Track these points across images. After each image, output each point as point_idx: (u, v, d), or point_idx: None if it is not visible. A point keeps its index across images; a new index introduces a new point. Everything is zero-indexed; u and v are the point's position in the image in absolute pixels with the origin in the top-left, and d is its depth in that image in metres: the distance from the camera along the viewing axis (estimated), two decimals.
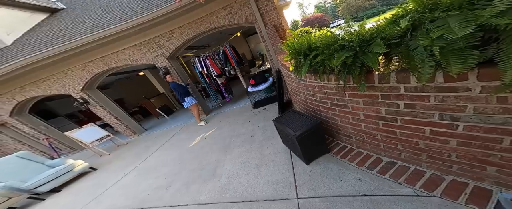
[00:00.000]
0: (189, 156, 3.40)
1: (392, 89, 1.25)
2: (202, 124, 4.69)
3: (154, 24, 4.18)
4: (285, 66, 2.51)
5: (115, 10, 5.00)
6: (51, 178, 4.02)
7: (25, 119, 6.07)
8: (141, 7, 4.41)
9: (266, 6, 3.92)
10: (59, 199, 3.71)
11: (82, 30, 4.70)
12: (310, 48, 1.65)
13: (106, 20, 4.66)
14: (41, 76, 4.98)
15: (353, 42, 1.18)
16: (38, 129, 6.35)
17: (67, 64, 4.79)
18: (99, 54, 4.70)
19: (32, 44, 5.05)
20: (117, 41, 4.45)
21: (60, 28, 5.28)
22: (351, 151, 2.04)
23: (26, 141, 6.78)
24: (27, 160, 4.44)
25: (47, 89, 5.20)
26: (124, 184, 3.31)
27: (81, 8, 6.06)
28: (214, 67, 4.84)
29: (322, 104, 2.06)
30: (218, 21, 4.26)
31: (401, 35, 0.98)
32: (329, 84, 1.73)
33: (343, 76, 1.41)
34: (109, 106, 5.90)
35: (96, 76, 5.14)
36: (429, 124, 1.23)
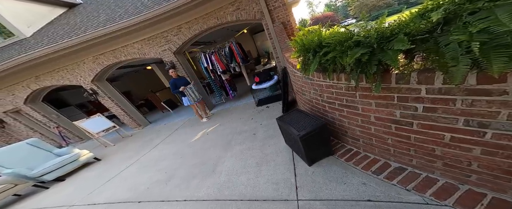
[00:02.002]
0: (190, 151, 3.33)
1: (411, 91, 1.11)
2: (204, 120, 4.62)
3: (163, 18, 4.14)
4: (292, 64, 2.38)
5: (127, 4, 4.99)
6: (57, 167, 3.99)
7: (38, 107, 6.15)
8: (152, 2, 4.39)
9: (275, 3, 3.78)
10: (62, 188, 3.68)
11: (95, 24, 4.73)
12: (321, 45, 1.51)
13: (118, 15, 4.67)
14: (55, 66, 5.07)
15: (371, 38, 1.05)
16: (50, 117, 6.42)
17: (79, 56, 4.86)
18: (110, 47, 4.73)
19: (49, 36, 5.12)
20: (127, 35, 4.46)
21: (76, 22, 5.34)
22: (357, 155, 1.91)
23: (38, 128, 6.89)
24: (37, 148, 4.44)
25: (60, 79, 5.29)
26: (125, 176, 3.26)
27: (96, 2, 6.11)
28: (219, 63, 4.74)
29: (329, 104, 1.92)
30: (226, 16, 4.14)
31: (429, 30, 0.84)
32: (339, 83, 1.60)
33: (356, 75, 1.28)
34: (116, 98, 5.92)
35: (106, 68, 5.18)
36: (450, 130, 1.09)
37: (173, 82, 4.18)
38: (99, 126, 5.43)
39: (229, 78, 5.22)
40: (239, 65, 4.84)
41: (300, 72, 2.17)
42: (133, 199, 2.47)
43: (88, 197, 2.93)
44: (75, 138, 7.13)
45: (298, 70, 2.20)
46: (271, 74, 4.00)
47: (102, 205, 2.57)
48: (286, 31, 3.68)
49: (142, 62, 6.26)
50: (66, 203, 2.94)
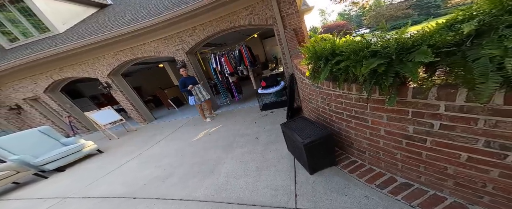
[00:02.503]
0: (191, 150, 3.28)
1: (428, 107, 1.04)
2: (207, 120, 4.59)
3: (180, 20, 4.28)
4: (301, 70, 2.33)
5: (150, 6, 5.20)
6: (60, 156, 3.94)
7: (55, 96, 6.35)
8: (172, 4, 4.56)
9: (288, 9, 3.78)
10: (60, 178, 3.62)
11: (121, 23, 4.94)
12: (334, 53, 1.46)
13: (141, 15, 4.85)
14: (78, 60, 5.35)
15: (390, 48, 0.99)
16: (64, 107, 6.59)
17: (102, 51, 5.11)
18: (129, 45, 4.94)
19: (79, 33, 5.38)
20: (147, 34, 4.66)
21: (104, 21, 5.61)
22: (361, 167, 1.82)
23: (50, 117, 7.05)
24: (47, 136, 4.45)
25: (81, 71, 5.55)
26: (124, 170, 3.21)
27: (124, 4, 6.42)
28: (228, 65, 4.74)
29: (337, 114, 1.85)
30: (238, 20, 4.17)
31: (457, 43, 0.78)
32: (349, 93, 1.54)
33: (369, 86, 1.21)
34: (128, 92, 6.05)
35: (123, 64, 5.37)
36: (468, 150, 1.01)
37: (182, 80, 4.20)
38: (107, 119, 5.47)
39: (236, 80, 5.21)
40: (247, 68, 4.83)
41: (309, 80, 2.12)
42: (128, 195, 2.41)
43: (84, 189, 2.86)
44: (82, 129, 7.22)
45: (307, 78, 2.15)
46: (278, 79, 3.96)
47: (96, 199, 2.50)
48: (297, 38, 3.66)
49: (156, 59, 6.43)
50: (61, 195, 2.87)
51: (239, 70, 4.84)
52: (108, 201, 2.39)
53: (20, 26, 5.81)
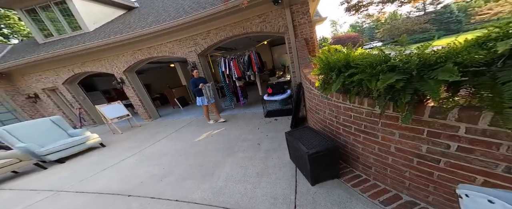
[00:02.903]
0: (192, 150, 3.24)
1: (446, 127, 0.98)
2: (211, 122, 4.55)
3: (197, 23, 4.43)
4: (310, 80, 2.30)
5: (171, 10, 5.42)
6: (64, 147, 3.88)
7: (72, 88, 6.61)
8: (191, 8, 4.72)
9: (301, 19, 3.81)
10: (59, 170, 3.55)
11: (143, 24, 5.18)
12: (348, 65, 1.43)
13: (162, 18, 5.06)
14: (100, 56, 5.66)
15: (411, 64, 0.95)
16: (78, 98, 6.77)
17: (122, 49, 5.39)
18: (147, 44, 5.18)
19: (106, 32, 5.65)
20: (164, 35, 4.87)
21: (129, 22, 5.90)
22: (365, 182, 1.74)
23: (63, 107, 7.22)
24: (56, 126, 4.46)
25: (100, 67, 5.83)
26: (123, 166, 3.15)
27: (149, 7, 6.73)
28: (236, 69, 4.75)
29: (345, 127, 1.80)
30: (251, 27, 4.22)
31: (487, 62, 0.74)
32: (360, 107, 1.49)
33: (383, 101, 1.17)
34: (138, 89, 6.21)
35: (139, 62, 5.61)
36: (486, 174, 0.95)
37: (193, 81, 4.20)
38: (115, 113, 5.52)
39: (242, 85, 5.21)
40: (254, 74, 4.83)
41: (318, 90, 2.08)
42: (123, 192, 2.35)
43: (80, 184, 2.79)
44: (89, 121, 7.30)
45: (315, 88, 2.11)
46: (284, 87, 3.93)
47: (91, 195, 2.43)
48: (308, 48, 3.67)
49: (168, 59, 6.58)
50: (56, 188, 2.79)
51: (246, 75, 4.85)
52: (102, 198, 2.32)
53: (57, 24, 6.31)
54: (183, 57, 5.15)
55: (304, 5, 3.71)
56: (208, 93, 4.21)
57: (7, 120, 6.75)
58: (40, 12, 6.17)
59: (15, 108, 6.97)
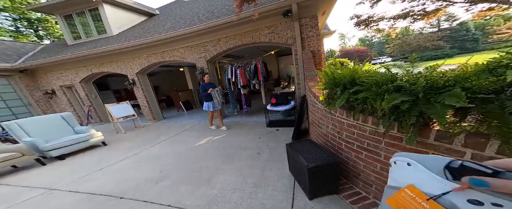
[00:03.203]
0: (192, 155, 3.21)
1: (451, 152, 0.95)
2: (212, 127, 4.56)
3: (209, 31, 4.60)
4: (314, 94, 2.29)
5: (187, 17, 5.70)
6: (66, 144, 3.86)
7: (86, 87, 6.93)
8: (205, 17, 4.93)
9: (309, 32, 3.89)
10: (57, 167, 3.49)
11: (160, 30, 5.46)
12: (353, 82, 1.42)
13: (178, 25, 5.30)
14: (117, 58, 5.98)
15: (417, 85, 0.93)
16: (90, 96, 7.03)
17: (138, 52, 5.68)
18: (161, 49, 5.43)
19: (127, 36, 6.01)
20: (178, 41, 5.09)
21: (149, 27, 6.25)
22: (365, 199, 1.68)
23: (74, 104, 7.47)
24: (65, 122, 4.51)
25: (116, 68, 6.14)
26: (120, 167, 3.12)
27: (167, 15, 7.12)
28: (242, 77, 4.80)
29: (347, 143, 1.76)
30: (260, 37, 4.32)
31: (496, 90, 0.72)
32: (364, 125, 1.46)
33: (387, 121, 1.14)
34: (147, 90, 6.41)
35: (152, 65, 5.84)
36: None
37: (203, 86, 4.15)
38: (122, 112, 5.62)
39: (247, 93, 5.23)
40: (259, 83, 4.86)
41: (321, 105, 2.07)
42: (116, 194, 2.30)
43: (75, 182, 2.74)
44: (96, 119, 7.46)
45: (319, 102, 2.10)
46: (288, 98, 3.93)
47: (82, 195, 2.39)
48: (314, 60, 3.70)
49: (179, 64, 6.77)
50: (50, 186, 2.73)
51: (252, 83, 4.88)
52: (93, 199, 2.28)
53: (86, 28, 6.86)
54: (193, 63, 5.30)
55: (313, 19, 3.79)
56: (217, 98, 4.20)
57: (21, 113, 6.99)
58: (75, 17, 6.78)
59: (30, 103, 7.23)
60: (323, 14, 4.39)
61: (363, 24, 6.86)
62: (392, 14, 6.12)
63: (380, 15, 6.46)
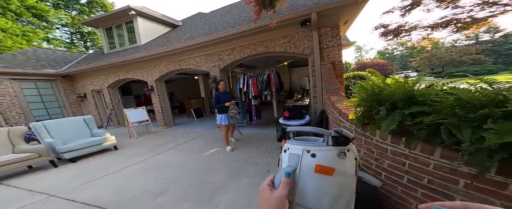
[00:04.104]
0: (196, 166, 2.91)
1: None
2: (229, 149, 3.46)
3: (224, 40, 4.47)
4: (340, 110, 1.88)
5: (205, 27, 5.76)
6: (81, 147, 3.81)
7: (112, 91, 7.22)
8: (222, 27, 4.87)
9: (329, 42, 3.51)
10: (65, 170, 3.36)
11: (179, 40, 5.59)
12: (410, 100, 1.01)
13: (196, 34, 5.35)
14: (141, 66, 6.15)
15: None
16: (113, 101, 7.25)
17: (159, 60, 5.77)
18: (179, 58, 5.45)
19: (152, 45, 6.24)
20: (195, 50, 5.06)
21: (171, 37, 6.48)
22: None
23: (99, 107, 7.77)
24: (85, 125, 4.50)
25: (139, 75, 6.31)
26: (124, 174, 2.91)
27: (188, 25, 7.37)
28: (254, 88, 4.49)
29: (391, 174, 1.30)
30: (275, 47, 4.05)
31: None
32: (426, 158, 1.02)
33: (487, 161, 0.71)
34: (163, 97, 6.40)
35: (169, 73, 5.87)
36: None
37: (217, 95, 3.45)
38: (137, 117, 5.58)
39: (258, 104, 4.87)
40: (272, 94, 4.49)
41: (351, 124, 1.65)
42: (112, 206, 2.05)
43: (75, 190, 2.54)
44: (115, 122, 7.55)
45: (348, 121, 1.68)
46: (303, 112, 3.50)
47: (78, 205, 2.16)
48: (335, 72, 3.27)
49: (194, 72, 6.81)
50: (51, 191, 2.55)
51: (263, 94, 4.53)
52: None
53: (121, 39, 7.36)
54: (207, 71, 5.18)
55: (334, 28, 3.43)
56: (235, 113, 3.50)
57: (55, 114, 7.36)
58: (114, 29, 7.31)
59: (64, 105, 7.64)
60: (345, 24, 4.03)
61: (391, 34, 6.17)
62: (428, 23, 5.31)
63: (413, 24, 5.67)
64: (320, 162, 0.37)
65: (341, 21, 3.65)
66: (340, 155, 0.38)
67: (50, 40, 17.80)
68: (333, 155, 0.38)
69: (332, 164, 0.37)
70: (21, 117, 6.50)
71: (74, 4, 18.90)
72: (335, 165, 0.37)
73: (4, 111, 6.18)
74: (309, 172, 0.37)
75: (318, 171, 0.37)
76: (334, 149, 0.38)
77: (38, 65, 7.26)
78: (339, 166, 0.37)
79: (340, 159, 0.38)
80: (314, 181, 0.37)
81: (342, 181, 0.37)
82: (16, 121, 6.27)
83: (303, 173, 0.38)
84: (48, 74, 7.08)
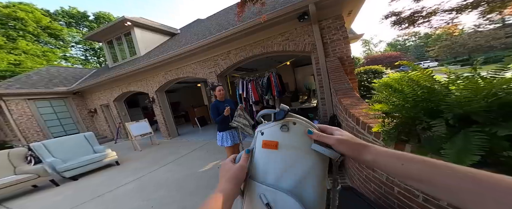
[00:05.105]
0: (192, 184, 2.56)
1: None
2: None
3: (218, 43, 4.11)
4: (356, 117, 1.36)
5: (199, 33, 5.49)
6: (81, 165, 3.65)
7: (118, 105, 7.14)
8: (216, 30, 4.54)
9: (333, 35, 2.96)
10: (63, 190, 3.15)
11: (175, 48, 5.29)
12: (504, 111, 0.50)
13: (191, 41, 5.05)
14: (141, 77, 5.95)
15: None
16: (120, 114, 7.16)
17: (157, 70, 5.51)
18: (176, 66, 5.18)
19: (150, 56, 6.01)
20: (190, 56, 4.73)
21: (168, 46, 6.27)
22: None
23: (109, 121, 7.73)
24: (86, 141, 4.35)
25: (140, 87, 6.12)
26: (115, 196, 2.62)
27: (186, 33, 7.15)
28: (254, 93, 4.03)
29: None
30: (272, 46, 3.59)
31: None
32: None
33: None
34: (164, 108, 6.16)
35: (168, 83, 5.60)
36: None
37: (214, 105, 2.37)
38: (140, 130, 5.39)
39: (259, 109, 4.39)
40: (274, 98, 3.99)
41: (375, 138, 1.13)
42: None
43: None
44: (124, 135, 7.41)
45: (371, 134, 1.16)
46: (310, 116, 2.97)
47: None
48: (344, 69, 2.70)
49: (194, 80, 6.54)
50: None
51: (264, 99, 4.05)
52: None
53: (122, 52, 7.28)
54: (204, 78, 4.84)
55: (337, 19, 2.90)
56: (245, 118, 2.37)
57: (70, 130, 7.42)
58: (114, 42, 7.25)
59: (78, 121, 7.71)
60: (349, 14, 3.46)
61: (406, 22, 5.31)
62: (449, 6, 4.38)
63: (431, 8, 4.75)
64: (265, 138, 0.40)
65: (344, 12, 3.11)
66: (282, 128, 0.39)
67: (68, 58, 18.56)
68: (276, 130, 0.39)
69: (275, 138, 0.39)
70: (39, 135, 6.56)
71: (84, 22, 19.59)
72: (278, 139, 0.38)
73: (23, 130, 6.27)
74: (259, 149, 0.40)
75: (264, 146, 0.39)
76: (276, 124, 0.39)
77: (51, 84, 7.38)
78: (283, 139, 0.38)
79: (283, 132, 0.38)
80: (262, 156, 0.39)
81: (290, 155, 0.37)
82: (35, 139, 6.30)
83: (256, 150, 0.40)
84: (60, 92, 7.16)
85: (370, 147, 0.31)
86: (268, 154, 0.38)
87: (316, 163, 0.36)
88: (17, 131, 6.24)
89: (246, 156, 0.40)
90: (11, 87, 6.32)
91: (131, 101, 8.21)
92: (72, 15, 18.89)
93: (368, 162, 0.31)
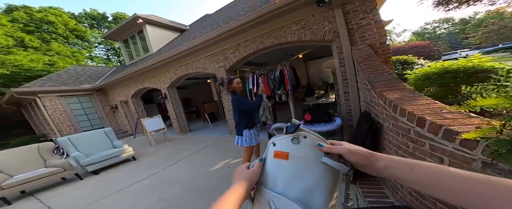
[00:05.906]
0: (204, 184, 2.36)
1: None
2: None
3: (226, 36, 3.77)
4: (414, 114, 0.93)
5: (208, 27, 5.26)
6: (100, 160, 3.63)
7: (135, 101, 7.22)
8: (224, 23, 4.22)
9: (361, 20, 2.42)
10: (84, 184, 3.13)
11: (184, 43, 5.06)
12: None
13: (199, 35, 4.82)
14: (153, 74, 5.88)
15: None
16: (137, 110, 7.23)
17: (168, 67, 5.40)
18: (185, 61, 4.97)
19: (161, 52, 5.95)
20: (199, 51, 4.50)
21: (178, 42, 6.13)
22: None
23: (129, 117, 7.88)
24: (106, 137, 4.35)
25: (153, 83, 6.06)
26: (129, 194, 2.48)
27: (195, 28, 6.97)
28: (265, 87, 3.61)
29: None
30: (286, 36, 3.13)
31: None
32: None
33: None
34: (176, 104, 6.04)
35: (178, 78, 5.45)
36: None
37: (239, 97, 2.05)
38: (154, 126, 5.33)
39: (271, 105, 3.98)
40: (287, 93, 3.56)
41: (469, 151, 0.70)
42: None
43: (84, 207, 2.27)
44: (142, 131, 7.44)
45: (456, 141, 0.73)
46: (329, 113, 2.51)
47: None
48: (379, 57, 2.12)
49: (204, 75, 6.42)
50: None
51: (277, 94, 3.63)
52: None
53: (137, 49, 7.35)
54: (213, 73, 4.54)
55: (367, 1, 2.34)
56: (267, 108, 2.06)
57: (96, 124, 7.76)
58: (129, 40, 7.32)
59: (102, 116, 8.02)
60: None
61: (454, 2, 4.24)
62: None
63: None
64: (277, 149, 0.43)
65: None
66: (293, 140, 0.42)
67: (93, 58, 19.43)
68: (287, 142, 0.43)
69: (286, 149, 0.42)
70: (71, 129, 6.90)
71: (104, 23, 20.21)
72: (289, 150, 0.42)
73: (57, 124, 6.63)
74: (271, 158, 0.44)
75: (275, 156, 0.43)
76: (287, 137, 0.43)
77: (78, 81, 7.69)
78: (293, 150, 0.41)
79: (294, 144, 0.41)
80: (273, 165, 0.43)
81: (299, 165, 0.40)
82: (67, 133, 6.64)
83: (268, 160, 0.45)
84: (85, 89, 7.45)
85: (381, 155, 0.34)
86: (279, 164, 0.42)
87: (325, 175, 0.38)
88: (52, 125, 6.61)
89: (259, 164, 0.45)
90: (44, 85, 6.71)
91: (146, 98, 8.28)
92: (93, 16, 19.57)
93: (379, 170, 0.33)
